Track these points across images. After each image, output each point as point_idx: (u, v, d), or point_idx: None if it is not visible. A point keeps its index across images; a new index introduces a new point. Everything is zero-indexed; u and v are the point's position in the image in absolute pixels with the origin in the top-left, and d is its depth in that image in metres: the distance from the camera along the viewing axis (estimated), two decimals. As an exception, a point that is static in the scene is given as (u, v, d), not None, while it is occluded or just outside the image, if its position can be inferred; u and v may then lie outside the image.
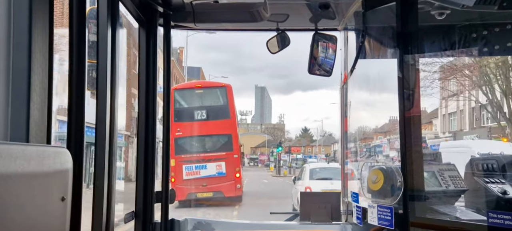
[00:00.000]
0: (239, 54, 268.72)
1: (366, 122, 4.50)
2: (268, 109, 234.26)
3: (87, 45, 1.81)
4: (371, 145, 16.39)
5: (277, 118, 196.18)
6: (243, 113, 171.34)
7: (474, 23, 2.93)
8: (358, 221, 2.96)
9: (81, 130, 1.77)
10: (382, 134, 23.97)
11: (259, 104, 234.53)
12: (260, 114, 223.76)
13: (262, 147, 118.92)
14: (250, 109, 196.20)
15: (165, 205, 2.88)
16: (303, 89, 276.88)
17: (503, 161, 2.93)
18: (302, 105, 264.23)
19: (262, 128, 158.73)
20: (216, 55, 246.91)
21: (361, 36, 3.10)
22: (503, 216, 2.09)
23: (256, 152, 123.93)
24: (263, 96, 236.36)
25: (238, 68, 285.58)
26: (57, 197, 1.38)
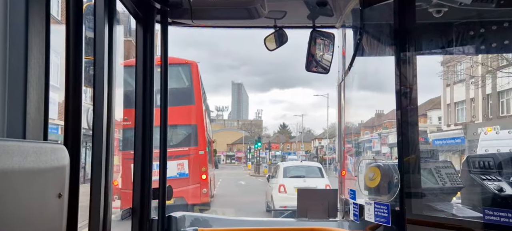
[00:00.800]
0: (216, 51, 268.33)
1: (363, 118, 4.50)
2: (245, 106, 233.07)
3: (84, 41, 1.80)
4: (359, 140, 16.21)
5: (254, 114, 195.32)
6: (219, 109, 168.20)
7: (471, 20, 2.93)
8: (355, 218, 2.97)
9: (78, 127, 1.77)
10: (369, 129, 23.84)
11: (236, 101, 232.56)
12: (236, 111, 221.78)
13: (239, 144, 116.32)
14: (226, 105, 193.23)
15: (162, 201, 2.89)
16: (280, 87, 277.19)
17: (499, 158, 2.94)
18: (280, 103, 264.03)
19: (239, 124, 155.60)
20: (193, 52, 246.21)
21: (358, 34, 3.10)
22: (499, 213, 2.10)
23: (232, 149, 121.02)
24: (240, 92, 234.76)
25: (214, 65, 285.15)
26: (53, 193, 1.38)
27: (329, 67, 3.22)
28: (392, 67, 2.67)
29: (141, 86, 2.83)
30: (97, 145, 2.06)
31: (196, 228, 3.05)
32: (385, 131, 27.90)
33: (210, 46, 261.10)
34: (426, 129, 26.42)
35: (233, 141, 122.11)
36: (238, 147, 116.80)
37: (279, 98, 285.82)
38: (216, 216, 3.89)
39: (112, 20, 2.14)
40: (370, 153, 18.29)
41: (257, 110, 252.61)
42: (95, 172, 2.04)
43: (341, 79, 3.47)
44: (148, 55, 2.84)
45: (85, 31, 1.83)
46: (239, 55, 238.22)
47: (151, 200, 2.85)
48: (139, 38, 2.82)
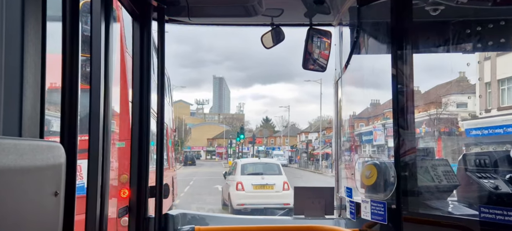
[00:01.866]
0: (199, 46, 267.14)
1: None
2: (226, 100, 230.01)
3: (80, 39, 1.79)
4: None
5: (235, 108, 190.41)
6: (199, 102, 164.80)
7: (468, 19, 2.94)
8: (352, 216, 2.97)
9: (74, 125, 1.77)
10: (364, 121, 22.93)
11: (217, 96, 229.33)
12: (218, 106, 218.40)
13: (220, 138, 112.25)
14: (207, 98, 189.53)
15: (159, 199, 2.89)
16: (262, 82, 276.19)
17: (495, 156, 2.96)
18: (262, 98, 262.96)
19: (220, 118, 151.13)
20: (175, 47, 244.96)
21: (355, 32, 3.10)
22: (495, 211, 2.11)
23: (213, 144, 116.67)
24: (221, 87, 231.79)
25: (197, 60, 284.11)
26: (50, 191, 1.37)
27: (326, 65, 3.22)
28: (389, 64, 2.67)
29: (138, 84, 2.83)
30: (94, 142, 2.06)
31: (193, 226, 3.05)
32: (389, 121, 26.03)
33: (193, 41, 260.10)
34: (455, 115, 21.86)
35: (214, 135, 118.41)
36: (219, 142, 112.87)
37: (261, 93, 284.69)
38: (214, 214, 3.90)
39: (108, 17, 2.13)
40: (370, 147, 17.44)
41: (239, 103, 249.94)
42: (92, 169, 2.04)
43: (338, 77, 3.47)
44: (145, 53, 2.84)
45: (81, 28, 1.83)
46: (222, 50, 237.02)
47: (148, 198, 2.85)
48: (136, 36, 2.82)
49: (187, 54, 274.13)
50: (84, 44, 1.96)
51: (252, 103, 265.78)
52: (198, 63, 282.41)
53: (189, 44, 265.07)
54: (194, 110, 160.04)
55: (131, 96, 2.86)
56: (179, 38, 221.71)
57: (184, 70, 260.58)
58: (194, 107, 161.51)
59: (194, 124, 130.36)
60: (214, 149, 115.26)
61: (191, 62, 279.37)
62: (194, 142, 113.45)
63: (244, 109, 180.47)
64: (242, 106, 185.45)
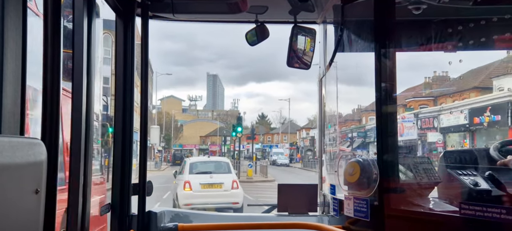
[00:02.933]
0: (194, 44, 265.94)
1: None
2: (220, 98, 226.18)
3: (62, 34, 1.77)
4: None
5: (230, 104, 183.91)
6: (192, 99, 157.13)
7: (449, 18, 2.98)
8: (335, 213, 3.00)
9: (56, 122, 1.74)
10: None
11: (211, 93, 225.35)
12: (212, 104, 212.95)
13: (213, 136, 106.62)
14: (200, 94, 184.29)
15: (142, 197, 2.87)
16: (257, 80, 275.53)
17: (475, 153, 3.01)
18: (256, 96, 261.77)
19: (213, 115, 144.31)
20: (170, 45, 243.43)
21: (339, 30, 3.12)
22: (475, 207, 2.15)
23: (206, 141, 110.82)
24: (215, 84, 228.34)
25: (191, 58, 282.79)
26: (30, 189, 1.35)
27: (310, 63, 3.23)
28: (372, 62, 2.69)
29: (121, 81, 2.80)
30: (76, 139, 2.03)
31: (177, 224, 3.04)
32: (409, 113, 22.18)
33: (188, 39, 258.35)
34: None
35: (207, 132, 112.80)
36: (213, 139, 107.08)
37: (256, 91, 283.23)
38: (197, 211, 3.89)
39: (91, 12, 2.10)
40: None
41: (233, 99, 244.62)
42: (74, 166, 2.02)
43: (322, 74, 3.49)
44: (129, 50, 2.81)
45: (63, 24, 1.80)
46: (217, 48, 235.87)
47: (131, 195, 2.83)
48: (119, 33, 2.78)
49: (181, 52, 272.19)
50: (66, 40, 1.93)
51: (247, 101, 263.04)
52: (193, 61, 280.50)
53: (184, 41, 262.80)
54: (187, 106, 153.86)
55: (114, 94, 2.83)
56: (173, 36, 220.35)
57: (178, 68, 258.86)
58: (186, 103, 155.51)
59: (186, 120, 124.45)
60: (207, 147, 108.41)
61: (185, 60, 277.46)
62: (186, 140, 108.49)
63: (238, 105, 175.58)
64: (237, 103, 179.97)
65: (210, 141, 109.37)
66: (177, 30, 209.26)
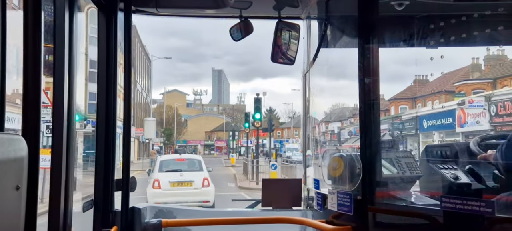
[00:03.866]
0: (199, 41, 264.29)
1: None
2: (226, 94, 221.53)
3: (43, 28, 1.74)
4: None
5: (236, 99, 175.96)
6: (196, 93, 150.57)
7: (431, 14, 3.02)
8: (319, 207, 3.02)
9: (37, 117, 1.72)
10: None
11: (216, 89, 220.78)
12: (217, 99, 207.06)
13: (219, 131, 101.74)
14: (205, 89, 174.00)
15: (126, 193, 2.84)
16: (263, 76, 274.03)
17: (456, 148, 3.06)
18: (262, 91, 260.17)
19: (219, 110, 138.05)
20: (176, 41, 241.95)
21: (323, 25, 3.14)
22: (455, 200, 2.19)
23: (211, 137, 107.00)
24: (220, 80, 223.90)
25: (197, 55, 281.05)
26: (11, 185, 1.33)
27: (295, 58, 3.24)
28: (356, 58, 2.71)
29: (104, 77, 2.77)
30: (57, 135, 2.00)
31: (160, 219, 3.02)
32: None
33: (194, 36, 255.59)
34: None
35: (213, 128, 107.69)
36: (218, 135, 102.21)
37: (261, 87, 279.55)
38: (181, 207, 3.88)
39: (72, 5, 2.07)
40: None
41: (240, 93, 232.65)
42: (55, 162, 1.99)
43: (306, 70, 3.51)
44: (111, 45, 2.77)
45: (44, 17, 1.77)
46: (222, 44, 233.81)
47: (114, 191, 2.80)
48: (101, 27, 2.75)
49: (187, 48, 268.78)
50: (47, 34, 1.90)
51: (253, 97, 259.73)
52: (198, 57, 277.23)
53: (189, 38, 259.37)
54: (192, 101, 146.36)
55: (97, 90, 2.79)
56: (179, 32, 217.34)
57: (183, 65, 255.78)
58: (191, 98, 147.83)
59: (191, 115, 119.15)
60: (213, 142, 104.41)
61: (191, 56, 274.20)
62: (191, 135, 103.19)
63: (245, 100, 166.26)
64: (243, 97, 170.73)
65: (216, 136, 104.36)
66: (183, 27, 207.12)
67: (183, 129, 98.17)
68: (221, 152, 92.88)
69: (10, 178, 1.33)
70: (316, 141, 3.79)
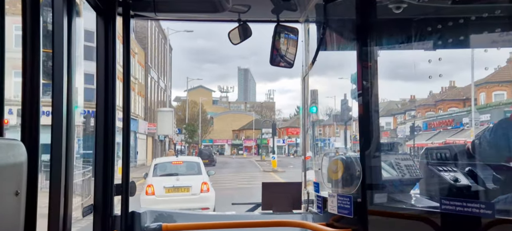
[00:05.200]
0: (226, 42, 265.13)
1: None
2: (252, 93, 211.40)
3: (41, 34, 1.74)
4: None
5: (264, 96, 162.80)
6: (223, 90, 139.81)
7: (429, 17, 3.03)
8: (319, 210, 3.02)
9: (36, 122, 1.72)
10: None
11: (243, 88, 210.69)
12: (243, 98, 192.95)
13: (247, 129, 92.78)
14: (231, 85, 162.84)
15: (126, 197, 2.84)
16: (290, 76, 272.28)
17: (455, 150, 3.06)
18: (289, 92, 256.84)
19: (247, 107, 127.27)
20: (202, 42, 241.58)
21: (322, 28, 3.14)
22: (455, 202, 2.19)
23: (239, 136, 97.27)
24: (247, 79, 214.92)
25: (224, 55, 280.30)
26: (10, 191, 1.33)
27: (293, 62, 3.25)
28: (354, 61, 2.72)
29: (103, 81, 2.77)
30: (57, 141, 2.00)
31: (161, 224, 3.02)
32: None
33: (220, 37, 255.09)
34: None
35: (240, 126, 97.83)
36: (247, 133, 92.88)
37: (288, 87, 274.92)
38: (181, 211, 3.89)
39: (71, 11, 2.07)
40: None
41: (268, 90, 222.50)
42: (55, 168, 1.99)
43: (305, 73, 3.51)
44: (110, 50, 2.78)
45: (42, 23, 1.77)
46: (249, 45, 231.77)
47: (114, 196, 2.80)
48: (100, 32, 2.75)
49: (214, 49, 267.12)
50: (45, 40, 1.90)
51: (280, 97, 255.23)
52: (225, 58, 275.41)
53: (216, 39, 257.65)
54: (218, 98, 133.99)
55: (95, 95, 2.80)
56: (205, 34, 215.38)
57: (210, 66, 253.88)
58: (217, 95, 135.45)
59: (217, 112, 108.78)
60: (241, 142, 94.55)
61: (217, 57, 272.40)
62: (217, 134, 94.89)
63: (274, 97, 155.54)
64: (272, 94, 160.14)
65: (245, 135, 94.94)
66: (209, 29, 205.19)
67: (208, 127, 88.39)
68: (250, 152, 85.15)
69: (10, 184, 1.33)
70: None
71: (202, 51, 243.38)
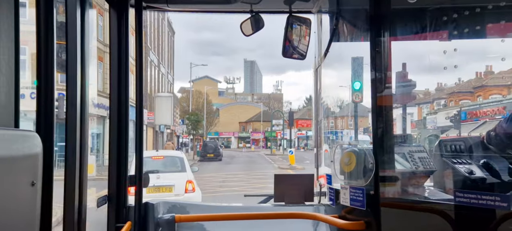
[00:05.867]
0: (233, 34, 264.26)
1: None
2: (258, 85, 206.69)
3: (55, 26, 1.75)
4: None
5: (272, 87, 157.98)
6: (229, 81, 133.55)
7: (445, 6, 2.98)
8: (331, 202, 3.01)
9: (51, 113, 1.73)
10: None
11: (248, 79, 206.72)
12: (250, 90, 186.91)
13: (255, 122, 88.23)
14: (238, 76, 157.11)
15: (139, 188, 2.87)
16: (296, 69, 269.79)
17: (470, 142, 3.02)
18: (296, 85, 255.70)
19: (254, 99, 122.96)
20: (209, 35, 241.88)
21: (334, 19, 3.11)
22: (469, 195, 2.17)
23: (246, 128, 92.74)
24: (253, 70, 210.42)
25: (231, 48, 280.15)
26: (26, 181, 1.35)
27: (306, 53, 3.23)
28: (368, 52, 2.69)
29: (116, 73, 2.79)
30: (71, 131, 2.02)
31: (173, 215, 3.04)
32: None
33: (227, 29, 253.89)
34: None
35: (248, 118, 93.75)
36: (255, 126, 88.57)
37: (294, 80, 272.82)
38: (194, 202, 3.91)
39: (84, 3, 2.08)
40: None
41: (276, 81, 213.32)
42: (70, 158, 2.01)
43: (318, 64, 3.49)
44: (123, 41, 2.79)
45: (56, 15, 1.79)
46: (256, 38, 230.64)
47: (128, 187, 2.83)
48: (113, 23, 2.77)
49: (221, 42, 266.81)
50: (59, 31, 1.92)
51: (287, 89, 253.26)
52: (232, 51, 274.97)
53: (223, 32, 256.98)
54: (224, 89, 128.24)
55: (109, 87, 2.81)
56: (212, 27, 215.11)
57: (216, 58, 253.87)
58: (223, 86, 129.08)
59: (223, 104, 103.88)
60: (249, 135, 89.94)
61: (224, 50, 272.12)
62: (223, 127, 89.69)
63: (282, 88, 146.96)
64: (280, 85, 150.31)
65: (252, 128, 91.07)
66: (216, 21, 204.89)
67: (214, 119, 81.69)
68: (258, 145, 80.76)
69: (26, 174, 1.35)
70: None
71: (207, 44, 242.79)
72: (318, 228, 3.23)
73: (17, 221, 1.33)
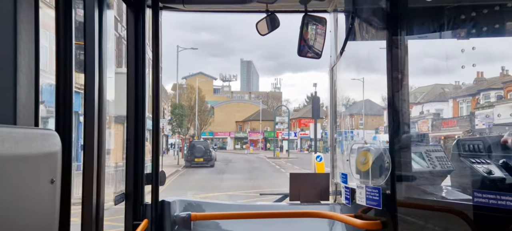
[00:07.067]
0: (230, 35, 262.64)
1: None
2: (255, 86, 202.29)
3: (74, 26, 1.78)
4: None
5: (271, 86, 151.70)
6: (225, 78, 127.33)
7: (462, 4, 2.94)
8: (347, 202, 3.00)
9: (69, 112, 1.77)
10: None
11: (245, 79, 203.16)
12: (246, 89, 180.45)
13: (253, 121, 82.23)
14: (234, 73, 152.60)
15: (156, 186, 2.90)
16: (293, 70, 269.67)
17: (489, 141, 2.98)
18: (292, 87, 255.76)
19: (251, 97, 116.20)
20: (206, 36, 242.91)
21: (350, 18, 3.10)
22: (488, 195, 2.13)
23: (243, 128, 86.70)
24: (249, 70, 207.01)
25: (228, 49, 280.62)
26: (46, 179, 1.38)
27: (321, 52, 3.21)
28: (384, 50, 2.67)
29: (133, 72, 2.82)
30: (89, 130, 2.06)
31: (189, 213, 3.07)
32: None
33: (224, 30, 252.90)
34: None
35: (245, 117, 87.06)
36: (253, 125, 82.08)
37: (291, 82, 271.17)
38: (210, 201, 3.95)
39: (102, 3, 2.11)
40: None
41: (275, 79, 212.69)
42: (87, 157, 2.04)
43: (333, 64, 3.47)
44: (140, 41, 2.82)
45: (75, 15, 1.82)
46: (252, 39, 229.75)
47: (144, 185, 2.86)
48: (130, 24, 2.80)
49: (218, 43, 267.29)
50: (78, 32, 1.95)
51: (285, 90, 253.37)
52: (229, 52, 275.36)
53: (220, 33, 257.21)
54: (219, 86, 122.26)
55: (126, 86, 2.85)
56: (209, 27, 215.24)
57: (214, 59, 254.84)
58: (219, 83, 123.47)
59: (219, 102, 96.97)
60: (246, 135, 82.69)
61: (222, 51, 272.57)
62: (218, 126, 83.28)
63: (281, 86, 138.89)
64: (279, 83, 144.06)
65: (250, 127, 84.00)
66: (214, 22, 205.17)
67: (208, 118, 74.97)
68: (257, 146, 74.17)
69: (45, 172, 1.38)
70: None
71: (205, 44, 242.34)
72: (333, 227, 3.22)
73: (37, 217, 1.36)
